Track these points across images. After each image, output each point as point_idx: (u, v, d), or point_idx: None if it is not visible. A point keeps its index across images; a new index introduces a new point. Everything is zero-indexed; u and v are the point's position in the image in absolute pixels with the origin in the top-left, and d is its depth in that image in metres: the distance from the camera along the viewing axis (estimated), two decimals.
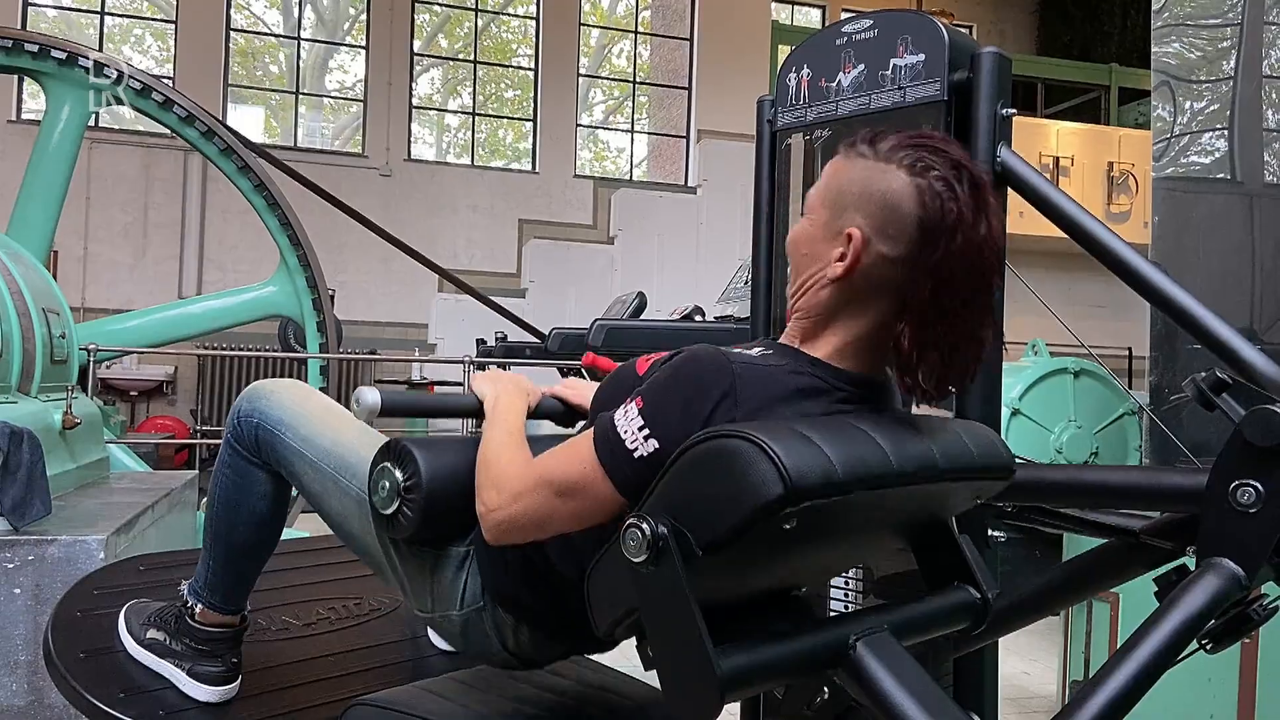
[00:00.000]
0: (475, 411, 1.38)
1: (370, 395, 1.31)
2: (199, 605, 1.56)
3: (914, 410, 1.33)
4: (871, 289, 1.13)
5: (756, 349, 1.16)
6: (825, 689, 1.17)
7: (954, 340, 1.12)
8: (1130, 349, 8.74)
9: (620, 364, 1.42)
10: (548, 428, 1.48)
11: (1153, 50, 3.37)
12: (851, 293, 1.14)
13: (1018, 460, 1.30)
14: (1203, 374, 1.36)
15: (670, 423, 1.04)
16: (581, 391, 1.47)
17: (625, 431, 1.07)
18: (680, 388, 1.06)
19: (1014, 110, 1.77)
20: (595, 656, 1.67)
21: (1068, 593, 1.64)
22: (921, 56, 1.82)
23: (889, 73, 1.86)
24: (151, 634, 1.60)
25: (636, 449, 1.05)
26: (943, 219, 1.09)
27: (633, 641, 1.10)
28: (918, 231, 1.09)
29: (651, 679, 1.31)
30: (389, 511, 1.29)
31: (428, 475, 1.27)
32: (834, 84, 1.96)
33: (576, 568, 1.18)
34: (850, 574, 1.91)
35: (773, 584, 1.18)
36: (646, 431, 1.05)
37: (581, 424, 1.44)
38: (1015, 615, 1.60)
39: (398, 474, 1.28)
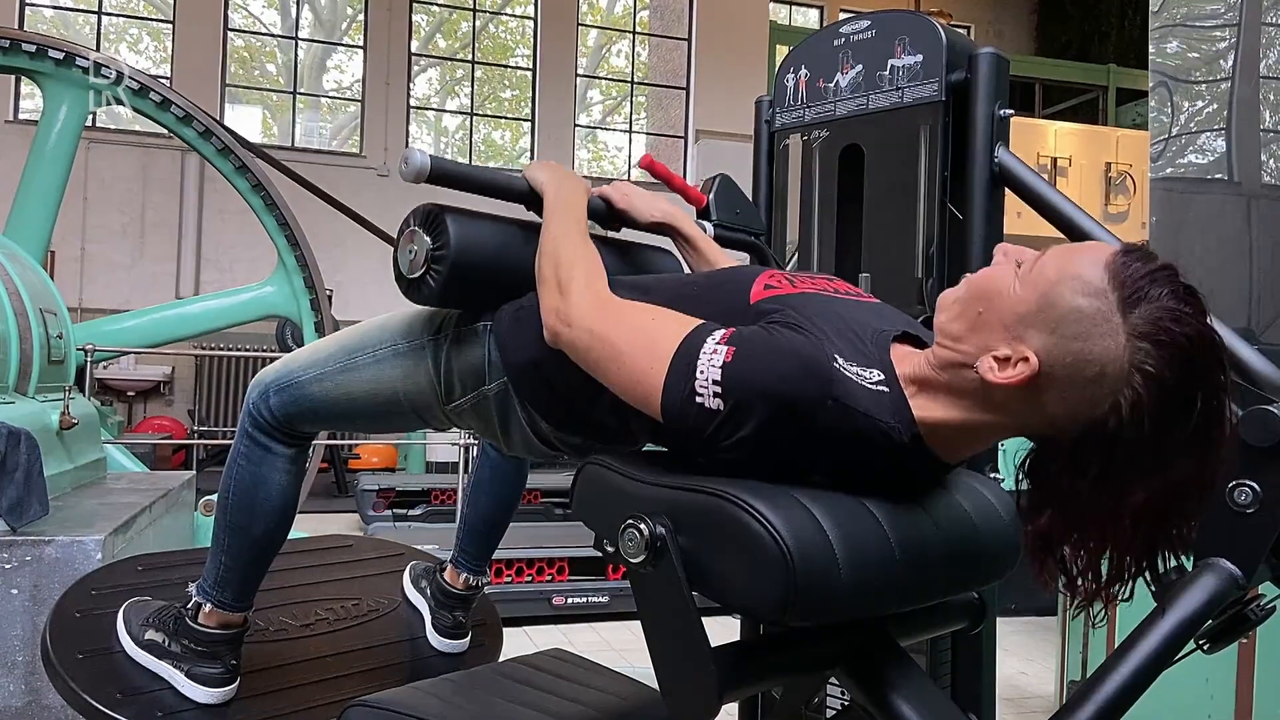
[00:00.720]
0: (531, 198, 1.33)
1: (419, 156, 1.24)
2: (207, 605, 1.56)
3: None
4: (1010, 412, 0.98)
5: (874, 373, 1.01)
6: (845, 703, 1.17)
7: (1121, 562, 0.96)
8: None
9: (737, 263, 1.40)
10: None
11: (1150, 50, 3.37)
12: (990, 396, 0.98)
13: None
14: None
15: (742, 399, 0.97)
16: (628, 196, 1.44)
17: (702, 371, 0.99)
18: (768, 381, 0.97)
19: (1012, 111, 1.77)
20: (594, 655, 1.68)
21: None
22: (919, 57, 1.82)
23: (887, 73, 1.86)
24: (150, 635, 1.60)
25: (702, 398, 0.99)
26: (1130, 440, 0.91)
27: (631, 644, 1.10)
28: (1085, 426, 0.93)
29: (649, 680, 1.31)
30: (414, 276, 1.28)
31: (456, 244, 1.25)
32: (832, 84, 1.96)
33: (591, 400, 1.18)
34: None
35: None
36: (719, 389, 0.98)
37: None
38: None
39: (427, 239, 1.27)
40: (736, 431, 0.98)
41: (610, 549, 1.01)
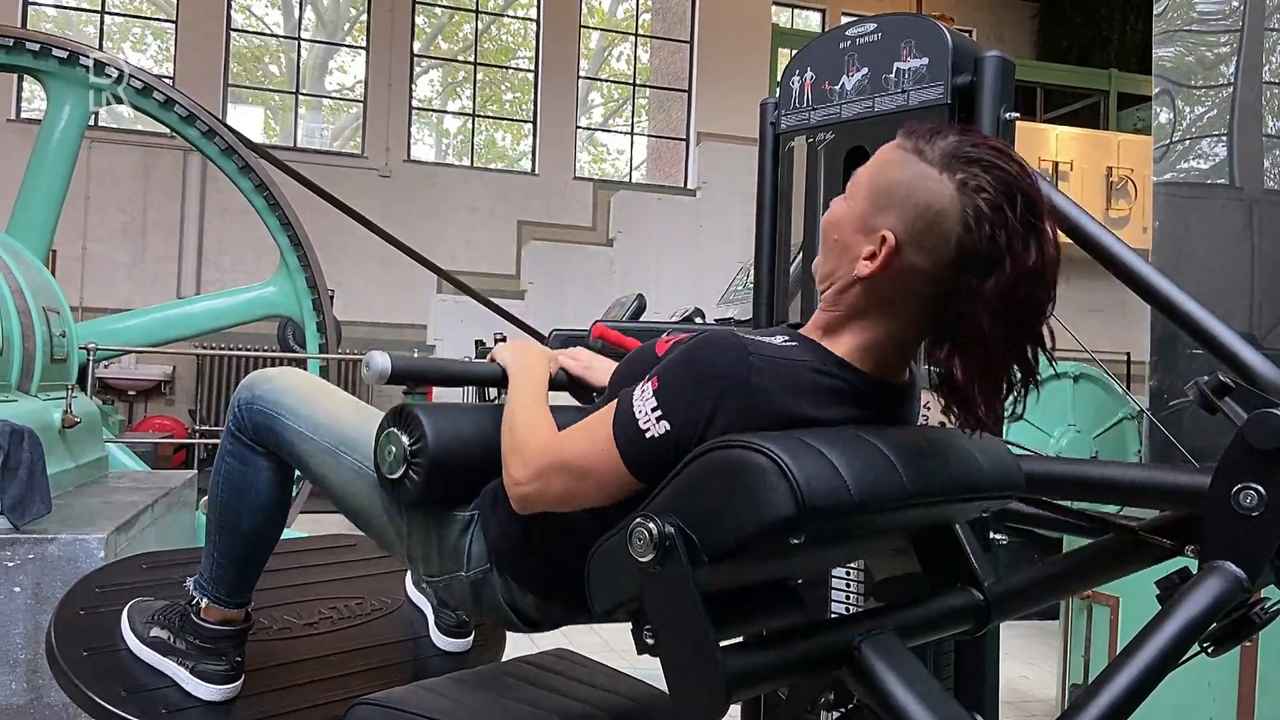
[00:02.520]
0: (497, 380, 1.38)
1: (380, 360, 1.32)
2: (205, 601, 1.56)
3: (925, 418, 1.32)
4: (902, 296, 1.10)
5: (779, 338, 1.12)
6: (831, 691, 1.17)
7: (1007, 365, 1.08)
8: (1129, 354, 8.75)
9: (640, 345, 1.43)
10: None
11: (1154, 54, 3.38)
12: (880, 295, 1.10)
13: (1024, 451, 1.30)
14: (1206, 377, 1.37)
15: (682, 406, 1.04)
16: (584, 361, 1.49)
17: (640, 411, 1.07)
18: (693, 371, 1.05)
19: (1017, 114, 1.77)
20: (596, 656, 1.68)
21: (1065, 584, 1.63)
22: (925, 60, 1.82)
23: (892, 76, 1.87)
24: (155, 632, 1.60)
25: (649, 430, 1.06)
26: (988, 247, 1.04)
27: (631, 645, 1.10)
28: (955, 254, 1.05)
29: (653, 680, 1.32)
30: (395, 476, 1.30)
31: (434, 440, 1.28)
32: (837, 87, 1.96)
33: (577, 540, 1.18)
34: (851, 576, 1.91)
35: (771, 578, 1.18)
36: (659, 413, 1.05)
37: (598, 399, 1.45)
38: (1010, 604, 1.59)
39: (404, 439, 1.29)
40: (695, 435, 1.03)
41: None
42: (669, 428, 1.04)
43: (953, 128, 1.11)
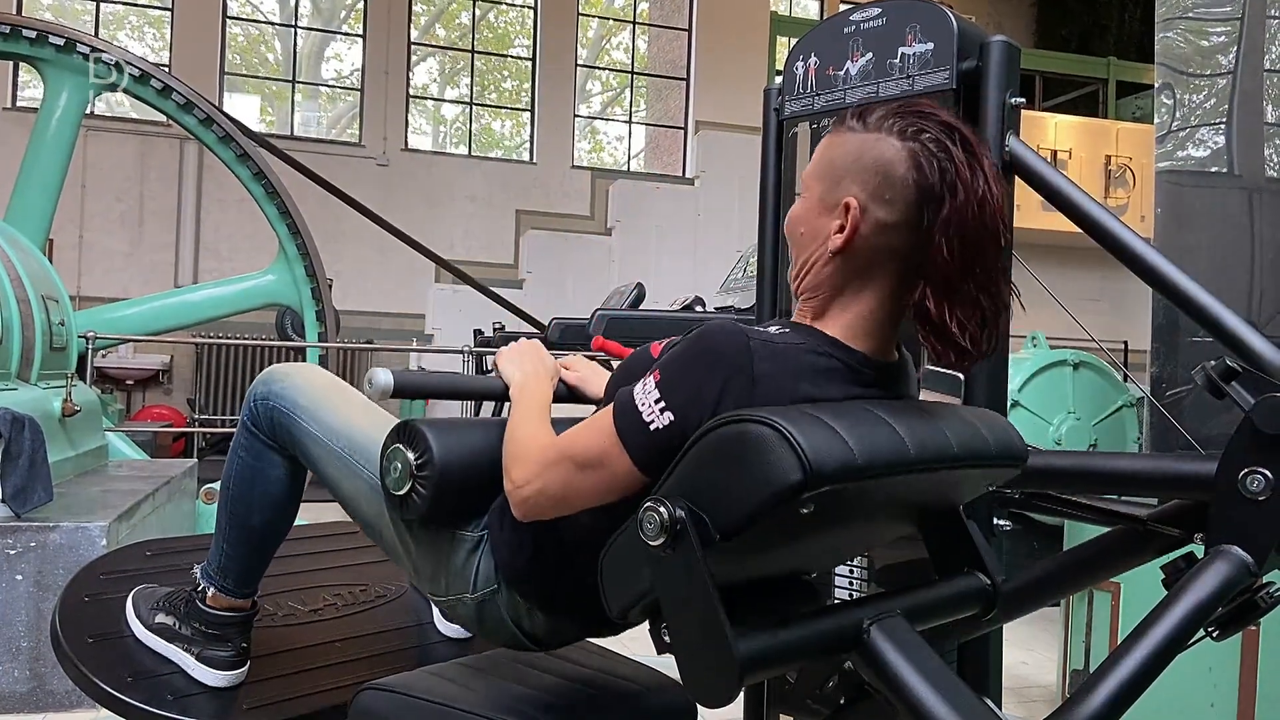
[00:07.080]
0: (501, 395, 1.38)
1: (383, 376, 1.33)
2: (211, 589, 1.56)
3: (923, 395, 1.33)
4: (876, 259, 1.12)
5: (774, 327, 1.14)
6: (835, 675, 1.17)
7: (976, 295, 1.10)
8: (1126, 343, 8.76)
9: (634, 349, 1.43)
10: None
11: (1156, 40, 3.37)
12: (856, 264, 1.13)
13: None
14: (1213, 362, 1.37)
15: (685, 396, 1.04)
16: (581, 372, 1.49)
17: (643, 404, 1.07)
18: (696, 362, 1.06)
19: (1023, 100, 1.77)
20: (604, 641, 1.68)
21: (1073, 579, 1.64)
22: (930, 45, 1.81)
23: (897, 61, 1.86)
24: (160, 618, 1.60)
25: (653, 421, 1.06)
26: (940, 178, 1.09)
27: (631, 633, 1.10)
28: (915, 193, 1.09)
29: (660, 664, 1.32)
30: (401, 492, 1.30)
31: (440, 456, 1.28)
32: (841, 72, 1.96)
33: (589, 549, 1.17)
34: (855, 564, 1.91)
35: (784, 569, 1.19)
36: (662, 404, 1.05)
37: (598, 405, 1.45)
38: (1020, 601, 1.60)
39: (410, 455, 1.29)
40: (699, 423, 1.02)
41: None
42: (672, 419, 1.04)
43: (882, 101, 1.17)
